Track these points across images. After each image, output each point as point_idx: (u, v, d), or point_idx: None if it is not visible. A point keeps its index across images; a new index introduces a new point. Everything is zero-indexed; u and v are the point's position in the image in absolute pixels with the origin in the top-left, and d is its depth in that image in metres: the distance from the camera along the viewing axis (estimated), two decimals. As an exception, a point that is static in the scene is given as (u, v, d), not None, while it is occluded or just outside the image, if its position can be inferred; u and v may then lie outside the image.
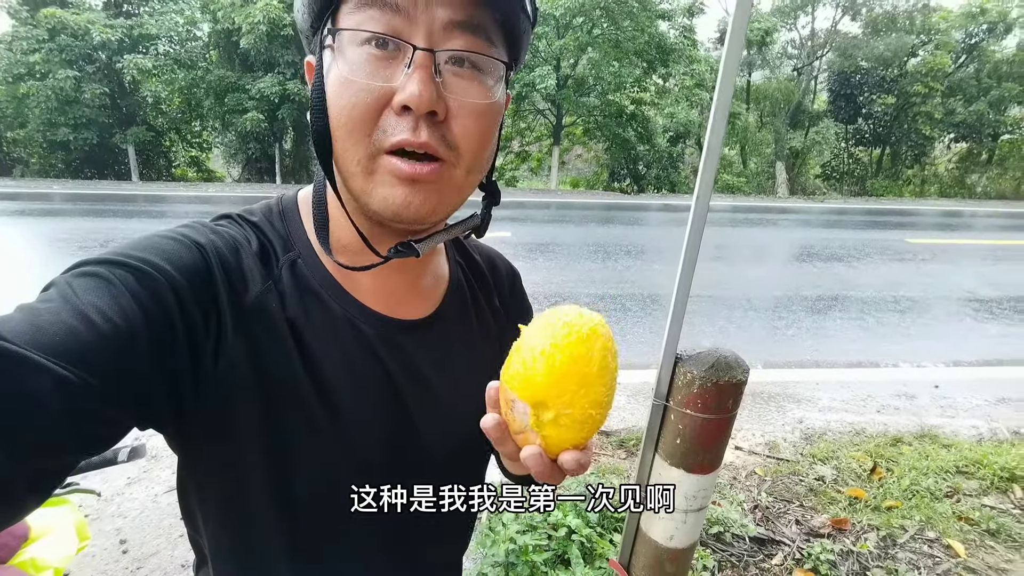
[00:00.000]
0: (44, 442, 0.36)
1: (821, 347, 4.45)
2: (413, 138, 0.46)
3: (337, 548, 0.57)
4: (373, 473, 0.56)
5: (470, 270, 0.70)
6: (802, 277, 6.47)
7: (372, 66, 0.45)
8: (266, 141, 14.50)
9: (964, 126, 17.09)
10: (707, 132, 0.97)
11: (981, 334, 4.93)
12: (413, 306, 0.61)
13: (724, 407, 1.13)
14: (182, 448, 0.53)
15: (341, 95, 0.46)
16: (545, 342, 0.41)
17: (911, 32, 16.54)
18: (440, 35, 0.45)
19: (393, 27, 0.45)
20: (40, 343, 0.36)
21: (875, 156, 18.44)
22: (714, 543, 2.13)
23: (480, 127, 0.49)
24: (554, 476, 0.45)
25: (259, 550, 0.55)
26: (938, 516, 2.33)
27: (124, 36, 12.74)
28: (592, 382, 0.42)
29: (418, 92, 0.44)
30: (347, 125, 0.46)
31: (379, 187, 0.48)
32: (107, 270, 0.42)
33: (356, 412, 0.54)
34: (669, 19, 14.63)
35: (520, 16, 0.49)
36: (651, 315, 4.92)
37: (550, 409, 0.42)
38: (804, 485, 2.55)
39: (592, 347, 0.41)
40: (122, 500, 2.25)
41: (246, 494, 0.53)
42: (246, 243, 0.52)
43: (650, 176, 16.17)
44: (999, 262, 7.63)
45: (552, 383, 0.41)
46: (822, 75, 18.76)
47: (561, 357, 0.41)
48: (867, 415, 3.27)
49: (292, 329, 0.51)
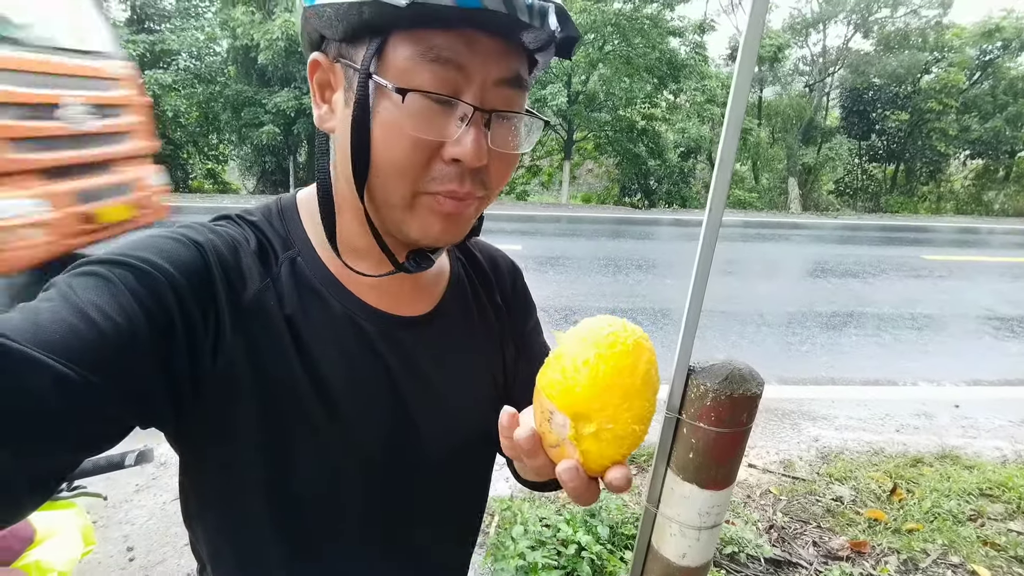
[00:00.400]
0: (45, 439, 0.36)
1: (837, 364, 4.37)
2: (459, 188, 0.49)
3: (337, 547, 0.57)
4: (373, 471, 0.56)
5: (471, 267, 0.70)
6: (816, 293, 6.39)
7: (428, 120, 0.46)
8: (281, 154, 14.73)
9: (980, 143, 16.89)
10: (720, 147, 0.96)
11: (1001, 352, 4.82)
12: (414, 303, 0.61)
13: (738, 420, 1.10)
14: (182, 447, 0.53)
15: (392, 140, 0.47)
16: (588, 352, 0.40)
17: (924, 49, 16.48)
18: (490, 91, 0.47)
19: (451, 84, 0.46)
20: (41, 341, 0.36)
21: (889, 172, 18.27)
22: (728, 563, 2.07)
23: (511, 170, 0.54)
24: (588, 493, 0.42)
25: (258, 552, 0.55)
26: (961, 540, 2.26)
27: (146, 51, 13.07)
28: (636, 395, 0.40)
29: (473, 152, 0.47)
30: (396, 169, 0.48)
31: (418, 219, 0.51)
32: (107, 269, 0.43)
33: (355, 409, 0.54)
34: (680, 36, 14.70)
35: (550, 56, 0.52)
36: (662, 329, 4.87)
37: (592, 422, 0.40)
38: (821, 505, 2.48)
39: (638, 359, 0.40)
40: (130, 507, 2.25)
41: (245, 493, 0.53)
42: (244, 242, 0.53)
43: (661, 191, 16.15)
44: (1017, 280, 7.47)
45: (595, 395, 0.39)
46: (834, 92, 18.71)
47: (605, 368, 0.39)
48: (885, 434, 3.19)
49: (290, 327, 0.51)
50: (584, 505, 0.47)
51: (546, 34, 0.46)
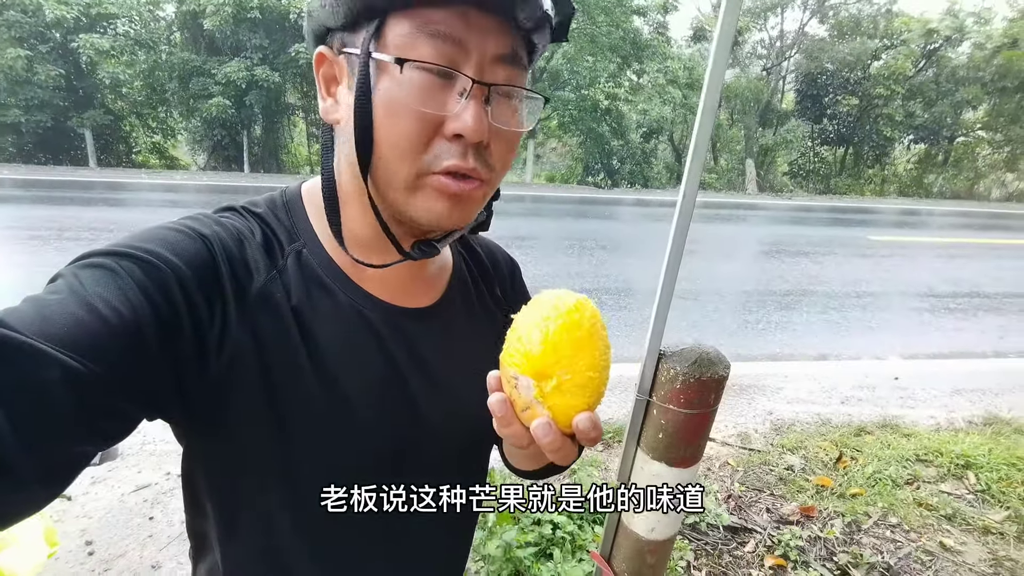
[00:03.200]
0: (54, 432, 0.36)
1: (790, 341, 4.59)
2: (463, 164, 0.48)
3: (345, 532, 0.58)
4: (378, 462, 0.56)
5: (472, 260, 0.71)
6: (771, 272, 6.65)
7: (428, 93, 0.47)
8: (233, 128, 14.04)
9: (923, 128, 17.80)
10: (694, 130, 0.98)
11: (937, 328, 5.17)
12: (418, 295, 0.61)
13: (706, 402, 1.15)
14: (189, 438, 0.54)
15: (393, 117, 0.47)
16: (536, 317, 0.44)
17: (874, 36, 17.09)
18: (489, 66, 0.48)
19: (449, 57, 0.46)
20: (48, 333, 0.37)
21: (839, 155, 19.03)
22: (690, 533, 2.18)
23: (513, 151, 0.53)
24: (566, 448, 0.44)
25: (267, 540, 0.56)
26: (899, 502, 2.44)
27: (80, 14, 12.10)
28: (585, 346, 0.44)
29: (474, 126, 0.47)
30: (399, 146, 0.48)
31: (423, 201, 0.50)
32: (113, 261, 0.43)
33: (362, 399, 0.54)
34: (643, 15, 14.74)
35: (547, 37, 0.52)
36: (626, 309, 4.98)
37: (552, 377, 0.43)
38: (774, 474, 2.63)
39: (582, 315, 0.44)
40: (87, 500, 2.16)
41: (252, 483, 0.53)
42: (250, 234, 0.53)
43: (624, 171, 16.33)
44: (954, 259, 7.99)
45: (549, 352, 0.43)
46: (790, 75, 19.24)
47: (554, 327, 0.43)
48: (832, 406, 3.39)
49: (296, 318, 0.52)
50: (564, 463, 0.49)
51: (540, 12, 0.47)
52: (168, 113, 15.12)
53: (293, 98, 15.01)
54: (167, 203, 8.53)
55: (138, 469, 2.38)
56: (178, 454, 0.57)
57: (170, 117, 15.28)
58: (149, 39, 13.14)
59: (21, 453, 0.34)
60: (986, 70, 16.29)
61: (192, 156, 16.08)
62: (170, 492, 2.26)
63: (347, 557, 0.59)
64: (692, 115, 16.62)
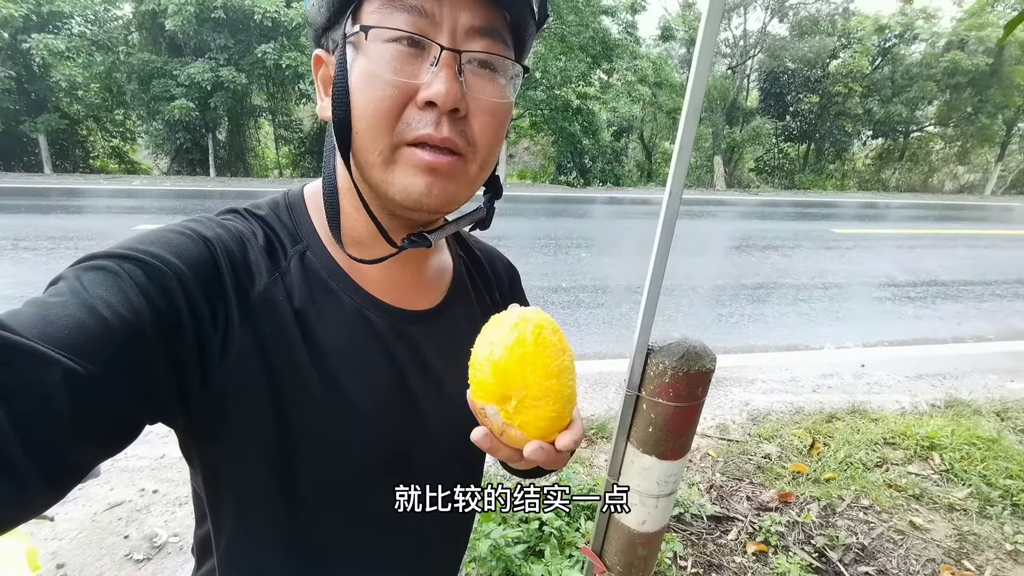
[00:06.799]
0: (56, 434, 0.36)
1: (762, 333, 4.72)
2: (435, 133, 0.48)
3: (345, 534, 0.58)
4: (380, 463, 0.57)
5: (472, 264, 0.71)
6: (742, 266, 6.81)
7: (398, 62, 0.47)
8: (197, 131, 13.61)
9: (880, 124, 18.49)
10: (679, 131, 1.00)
11: (898, 316, 5.39)
12: (419, 297, 0.62)
13: (694, 395, 1.18)
14: (193, 442, 0.53)
15: (366, 89, 0.47)
16: (484, 345, 0.45)
17: (832, 35, 17.67)
18: (462, 38, 0.48)
19: (419, 28, 0.47)
20: (49, 336, 0.37)
21: (802, 151, 19.62)
22: (675, 524, 2.22)
23: (495, 124, 0.52)
24: (558, 460, 0.48)
25: (270, 541, 0.56)
26: (870, 485, 2.54)
27: (31, 13, 11.54)
28: (532, 359, 0.44)
29: (444, 90, 0.46)
30: (371, 117, 0.48)
31: (399, 176, 0.50)
32: (115, 264, 0.43)
33: (364, 401, 0.54)
34: (612, 15, 14.88)
35: (529, 20, 0.52)
36: (603, 306, 5.04)
37: (511, 399, 0.45)
38: (753, 463, 2.70)
39: (523, 331, 0.44)
40: (57, 520, 2.08)
41: (255, 488, 0.53)
42: (252, 237, 0.53)
43: (595, 169, 16.48)
44: (912, 249, 8.33)
45: (499, 376, 0.44)
46: (754, 74, 19.74)
47: (499, 351, 0.44)
48: (804, 395, 3.50)
49: (299, 320, 0.52)
50: (558, 469, 0.51)
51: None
52: (127, 116, 14.56)
53: (260, 100, 14.64)
54: (128, 209, 8.20)
55: (110, 486, 2.30)
56: (152, 469, 0.56)
57: (129, 120, 14.72)
58: (106, 40, 12.63)
59: (23, 453, 0.34)
60: (937, 67, 17.01)
61: (154, 160, 15.53)
62: (146, 509, 2.19)
63: (346, 558, 0.59)
64: (661, 113, 16.89)
